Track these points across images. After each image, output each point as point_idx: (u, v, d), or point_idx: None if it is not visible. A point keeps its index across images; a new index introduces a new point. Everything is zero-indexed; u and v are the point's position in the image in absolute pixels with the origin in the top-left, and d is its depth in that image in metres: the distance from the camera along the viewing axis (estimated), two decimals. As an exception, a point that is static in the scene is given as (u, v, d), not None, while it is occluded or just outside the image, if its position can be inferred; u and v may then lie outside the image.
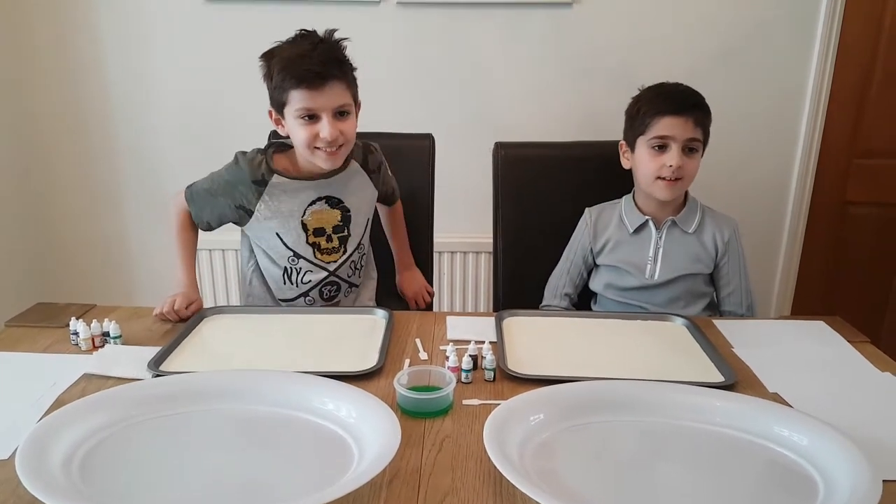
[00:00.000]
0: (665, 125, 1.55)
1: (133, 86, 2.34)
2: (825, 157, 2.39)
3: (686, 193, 1.67)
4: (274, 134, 1.80)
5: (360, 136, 1.79)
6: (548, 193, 1.81)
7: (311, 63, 1.40)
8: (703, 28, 2.25)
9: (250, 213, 1.57)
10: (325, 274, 1.63)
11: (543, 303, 1.76)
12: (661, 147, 1.56)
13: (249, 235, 1.63)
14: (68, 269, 2.54)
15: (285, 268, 1.61)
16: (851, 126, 2.37)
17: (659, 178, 1.57)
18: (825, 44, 2.25)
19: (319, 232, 1.59)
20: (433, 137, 1.84)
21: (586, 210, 1.73)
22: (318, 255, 1.60)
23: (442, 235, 1.99)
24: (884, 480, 0.82)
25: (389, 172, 1.74)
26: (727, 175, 2.34)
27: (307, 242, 1.59)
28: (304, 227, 1.58)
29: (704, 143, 1.59)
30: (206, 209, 1.60)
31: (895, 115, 2.35)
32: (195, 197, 1.60)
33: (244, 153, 1.58)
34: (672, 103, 1.56)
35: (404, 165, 1.83)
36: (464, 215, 2.31)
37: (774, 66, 2.29)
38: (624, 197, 1.70)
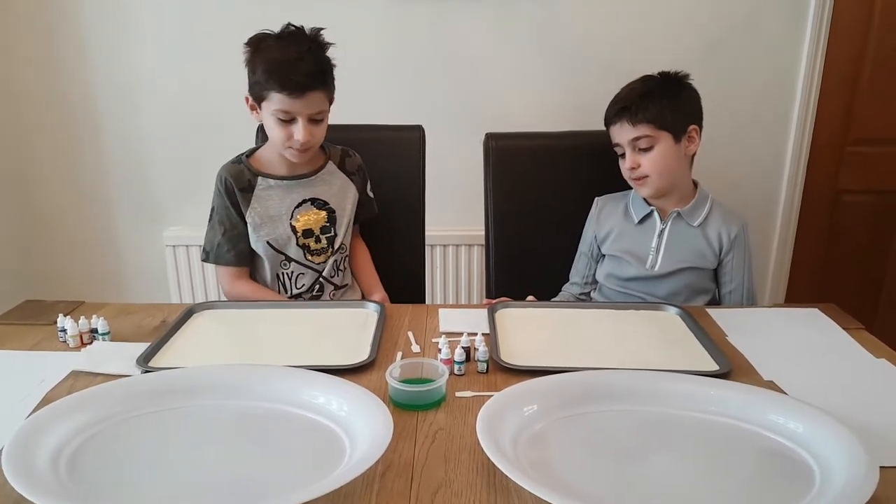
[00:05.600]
0: (612, 133, 1.63)
1: (119, 81, 2.31)
2: (817, 146, 2.39)
3: (696, 186, 1.67)
4: (262, 129, 1.79)
5: (350, 129, 1.79)
6: (539, 184, 1.80)
7: (297, 73, 1.46)
8: (694, 17, 2.24)
9: (245, 225, 1.60)
10: (315, 276, 1.66)
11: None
12: (623, 154, 1.62)
13: None
14: (56, 267, 2.52)
15: (277, 274, 1.64)
16: (843, 114, 2.37)
17: (632, 178, 1.62)
18: (816, 32, 2.24)
19: (308, 233, 1.63)
20: (423, 129, 1.83)
21: (595, 199, 1.74)
22: (308, 257, 1.64)
23: (433, 228, 1.98)
24: (880, 467, 0.81)
25: (369, 183, 1.76)
26: (720, 165, 2.33)
27: (297, 245, 1.62)
28: (294, 229, 1.61)
29: (673, 130, 1.56)
30: (239, 245, 1.61)
31: (887, 103, 2.35)
32: (221, 251, 1.60)
33: (222, 170, 1.61)
34: (610, 111, 1.63)
35: (394, 157, 1.82)
36: (455, 207, 2.30)
37: (765, 56, 2.28)
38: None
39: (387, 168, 1.80)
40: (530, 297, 1.60)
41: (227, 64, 2.22)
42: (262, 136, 1.80)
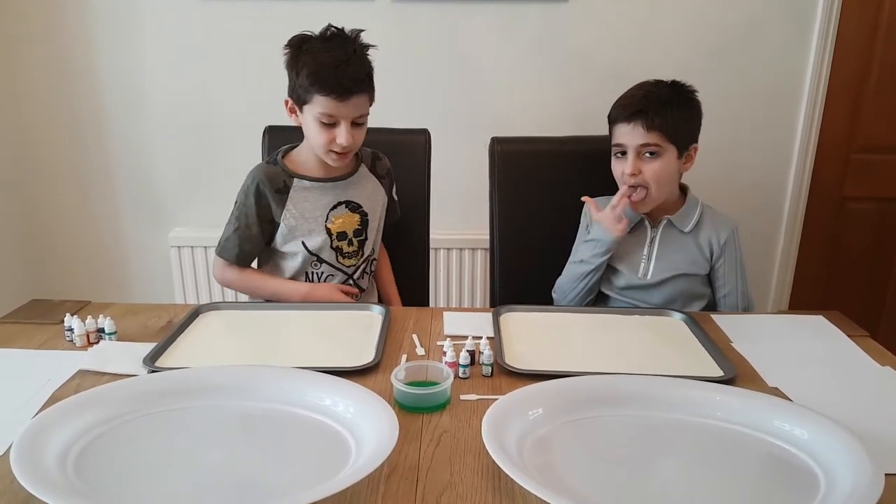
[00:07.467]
0: (619, 133, 1.57)
1: (124, 82, 2.32)
2: (823, 153, 2.38)
3: (686, 192, 1.66)
4: (268, 131, 1.80)
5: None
6: (544, 188, 1.80)
7: (343, 77, 1.45)
8: (699, 22, 2.24)
9: (276, 226, 1.59)
10: (344, 278, 1.65)
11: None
12: (622, 154, 1.58)
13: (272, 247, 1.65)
14: (61, 267, 2.53)
15: (306, 272, 1.64)
16: (849, 121, 2.37)
17: (627, 184, 1.57)
18: (822, 39, 2.24)
19: (342, 236, 1.63)
20: (429, 133, 1.83)
21: (586, 203, 1.72)
22: (340, 259, 1.64)
23: (438, 232, 1.98)
24: (886, 474, 0.81)
25: (395, 186, 1.76)
26: (725, 171, 2.34)
27: (331, 247, 1.62)
28: (329, 231, 1.61)
29: (680, 144, 1.54)
30: (245, 245, 1.60)
31: (892, 111, 2.35)
32: (228, 245, 1.60)
33: (255, 170, 1.60)
34: (622, 109, 1.56)
35: (400, 161, 1.82)
36: (460, 211, 2.30)
37: (771, 62, 2.28)
38: None
39: (393, 171, 1.80)
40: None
41: (232, 66, 2.24)
42: (267, 138, 1.80)
